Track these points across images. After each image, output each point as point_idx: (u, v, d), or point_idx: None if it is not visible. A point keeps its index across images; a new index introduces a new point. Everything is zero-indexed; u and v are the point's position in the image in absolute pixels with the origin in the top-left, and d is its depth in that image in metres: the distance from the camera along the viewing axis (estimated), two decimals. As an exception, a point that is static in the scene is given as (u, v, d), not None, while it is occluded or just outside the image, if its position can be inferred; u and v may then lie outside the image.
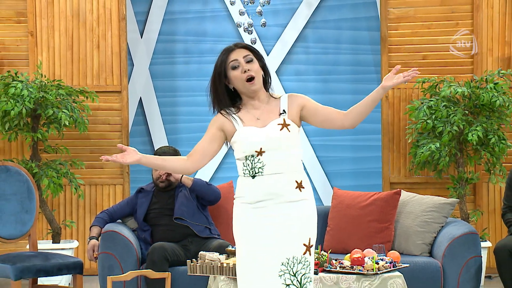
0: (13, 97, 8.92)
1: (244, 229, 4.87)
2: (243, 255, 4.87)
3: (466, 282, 7.00)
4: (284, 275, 4.79)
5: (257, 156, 4.82)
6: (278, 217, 4.82)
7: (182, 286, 6.92)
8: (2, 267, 6.95)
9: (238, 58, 4.90)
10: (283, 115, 4.90)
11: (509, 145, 9.16)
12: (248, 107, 4.96)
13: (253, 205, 4.84)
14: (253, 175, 4.85)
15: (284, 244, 4.81)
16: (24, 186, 7.46)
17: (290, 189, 4.85)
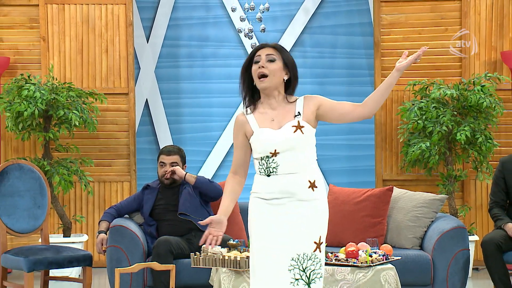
0: (26, 99, 8.93)
1: (258, 223, 4.85)
2: (256, 249, 4.84)
3: (455, 273, 6.99)
4: (293, 270, 4.77)
5: (272, 157, 4.79)
6: (291, 215, 4.80)
7: (186, 277, 6.91)
8: (16, 259, 6.94)
9: (262, 54, 4.85)
10: (298, 117, 4.85)
11: (495, 144, 9.17)
12: (264, 106, 4.91)
13: (268, 202, 4.82)
14: (268, 174, 4.83)
15: (295, 241, 4.78)
16: (37, 183, 7.46)
17: (303, 189, 4.81)
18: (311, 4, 10.03)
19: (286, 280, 4.76)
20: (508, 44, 9.77)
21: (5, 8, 9.81)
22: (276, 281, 4.78)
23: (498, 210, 7.16)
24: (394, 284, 6.34)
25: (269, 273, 4.80)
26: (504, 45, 9.76)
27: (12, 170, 7.39)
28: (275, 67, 4.85)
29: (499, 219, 7.09)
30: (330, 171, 9.99)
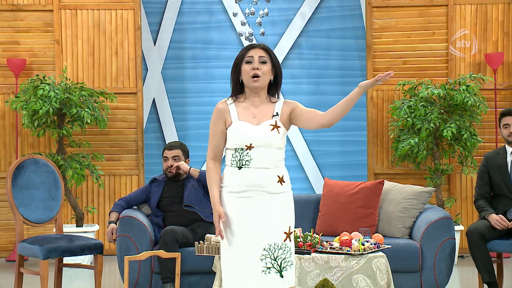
0: (41, 98, 8.93)
1: (229, 216, 4.83)
2: (228, 240, 4.83)
3: (442, 261, 6.99)
4: (265, 259, 4.76)
5: (246, 150, 4.80)
6: (261, 207, 4.79)
7: (191, 265, 6.90)
8: (32, 248, 6.94)
9: (255, 56, 4.88)
10: (276, 117, 4.88)
11: (480, 140, 9.18)
12: (248, 102, 4.92)
13: (237, 194, 4.81)
14: (239, 167, 4.82)
15: (266, 232, 4.78)
16: (51, 177, 7.45)
17: (273, 183, 4.82)
18: (307, 10, 10.03)
19: (258, 269, 4.76)
20: (491, 46, 9.77)
21: (22, 13, 9.81)
22: (248, 270, 4.78)
23: (483, 201, 7.15)
24: (385, 271, 6.34)
25: (242, 263, 4.79)
26: (487, 48, 9.77)
27: (28, 165, 7.38)
28: (267, 68, 4.89)
29: (484, 210, 7.08)
30: (325, 165, 9.99)
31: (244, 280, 4.79)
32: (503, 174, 7.12)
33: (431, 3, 9.82)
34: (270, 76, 4.92)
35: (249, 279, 4.78)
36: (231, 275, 4.82)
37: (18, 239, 7.16)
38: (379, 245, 6.54)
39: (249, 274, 4.77)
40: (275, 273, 4.76)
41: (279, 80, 4.98)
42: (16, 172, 7.29)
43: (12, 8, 9.82)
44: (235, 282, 4.81)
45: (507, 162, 7.14)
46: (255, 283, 4.79)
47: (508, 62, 9.78)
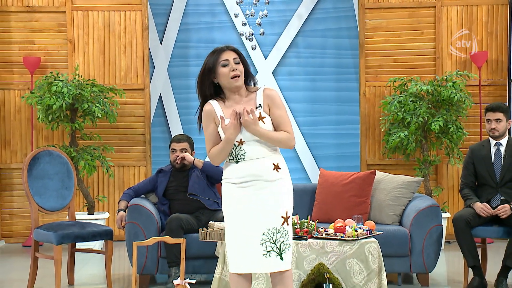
0: (55, 94, 8.94)
1: (230, 205, 4.84)
2: (230, 227, 4.84)
3: (429, 246, 6.99)
4: (265, 243, 4.76)
5: (239, 145, 4.80)
6: (259, 195, 4.79)
7: (195, 250, 6.91)
8: (46, 234, 6.94)
9: (229, 58, 4.85)
10: (259, 109, 4.84)
11: (465, 133, 9.17)
12: (230, 101, 4.89)
13: (238, 185, 4.81)
14: (236, 161, 4.83)
15: (264, 217, 4.78)
16: (64, 167, 7.45)
17: (269, 171, 4.81)
18: (304, 11, 10.01)
19: (259, 253, 4.76)
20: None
21: (37, 14, 9.80)
22: (250, 255, 4.78)
23: (468, 191, 7.15)
24: (376, 256, 6.34)
25: (244, 248, 4.80)
26: (472, 47, 9.75)
27: (43, 156, 7.38)
28: (241, 68, 4.88)
29: (469, 198, 7.08)
30: (320, 156, 9.99)
31: (247, 264, 4.80)
32: (487, 164, 7.12)
33: (420, 4, 9.81)
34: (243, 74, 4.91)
35: (251, 263, 4.80)
36: (235, 259, 4.83)
37: (34, 226, 7.16)
38: (371, 231, 6.54)
39: (251, 258, 4.78)
40: (275, 256, 4.77)
41: (249, 71, 4.94)
42: (32, 163, 7.29)
43: (27, 9, 9.81)
44: (238, 266, 4.82)
45: (491, 154, 7.13)
46: (257, 267, 4.80)
47: (492, 60, 9.78)
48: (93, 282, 7.48)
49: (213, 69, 4.89)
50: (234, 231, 4.82)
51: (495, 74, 9.80)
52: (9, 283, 7.49)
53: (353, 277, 6.27)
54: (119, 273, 7.84)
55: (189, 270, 6.95)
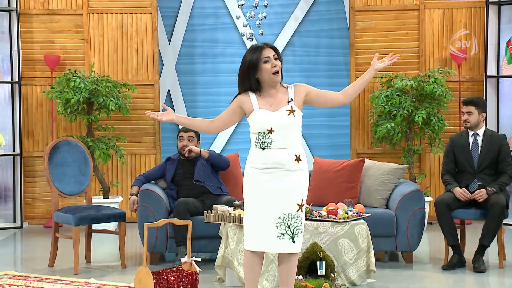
0: (73, 89, 8.94)
1: (252, 188, 4.85)
2: (250, 208, 4.85)
3: (413, 227, 6.99)
4: (280, 226, 4.78)
5: (268, 133, 4.80)
6: (279, 182, 4.80)
7: (200, 231, 6.91)
8: (65, 216, 6.95)
9: (270, 55, 4.85)
10: (291, 103, 4.86)
11: (446, 124, 9.18)
12: (265, 94, 4.90)
13: (261, 170, 4.82)
14: (262, 148, 4.82)
15: (282, 202, 4.79)
16: (82, 156, 7.45)
17: (291, 161, 4.81)
18: (300, 13, 10.00)
19: (274, 234, 4.78)
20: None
21: (56, 16, 9.79)
22: (265, 235, 4.80)
23: (448, 176, 7.15)
24: (365, 236, 6.34)
25: (260, 228, 4.81)
26: (453, 46, 9.75)
27: (62, 145, 7.38)
28: (280, 64, 4.89)
29: (449, 183, 7.09)
30: (314, 146, 9.98)
31: (261, 243, 4.82)
32: (466, 153, 7.12)
33: (405, 7, 9.79)
34: None
35: (265, 243, 4.82)
36: (250, 238, 4.85)
37: (54, 209, 7.17)
38: (360, 213, 6.54)
39: (266, 237, 4.80)
40: (288, 239, 4.79)
41: None
42: (52, 152, 7.29)
43: (48, 12, 9.80)
44: (254, 243, 4.84)
45: (469, 143, 7.14)
46: (270, 246, 4.82)
47: (470, 58, 9.76)
48: (108, 260, 7.49)
49: (257, 65, 4.86)
50: (253, 212, 4.83)
51: (473, 71, 9.79)
52: (32, 261, 7.50)
53: (344, 255, 6.27)
54: (132, 252, 7.85)
55: (195, 249, 6.96)
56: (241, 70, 4.93)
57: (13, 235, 9.13)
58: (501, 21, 9.71)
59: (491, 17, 9.62)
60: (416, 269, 6.92)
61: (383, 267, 6.94)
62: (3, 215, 9.59)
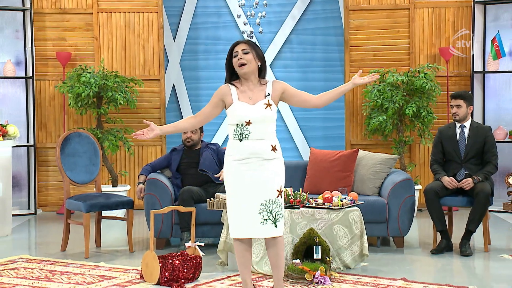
0: (84, 84, 8.94)
1: (233, 179, 4.86)
2: (232, 198, 4.87)
3: (404, 213, 6.99)
4: (262, 212, 4.79)
5: (246, 125, 4.80)
6: (258, 171, 4.81)
7: (203, 217, 6.90)
8: (77, 203, 6.96)
9: (238, 50, 4.87)
10: (268, 97, 4.88)
11: (435, 117, 9.18)
12: (244, 87, 4.91)
13: (240, 161, 4.82)
14: (240, 139, 4.83)
15: (263, 190, 4.80)
16: (92, 147, 7.44)
17: (267, 151, 4.83)
18: (297, 12, 9.98)
19: (257, 221, 4.79)
20: (444, 42, 9.74)
21: (68, 15, 9.78)
22: (249, 222, 4.82)
23: (437, 166, 7.15)
24: (359, 222, 6.34)
25: (244, 216, 4.83)
26: (441, 43, 9.74)
27: (73, 137, 7.38)
28: (249, 57, 4.87)
29: (437, 173, 7.09)
30: (311, 137, 9.98)
31: (246, 229, 4.83)
32: (453, 144, 7.12)
33: (396, 7, 9.77)
34: (256, 63, 4.90)
35: (250, 229, 4.82)
36: (236, 225, 4.85)
37: (66, 197, 7.17)
38: (354, 201, 6.53)
39: (250, 224, 4.81)
40: (271, 224, 4.79)
41: (264, 65, 4.95)
42: (64, 143, 7.29)
43: (60, 11, 9.78)
44: (239, 231, 4.84)
45: (456, 134, 7.14)
46: (255, 233, 4.84)
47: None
48: (116, 245, 7.49)
49: (230, 59, 4.93)
50: (235, 201, 4.84)
51: (460, 66, 9.78)
52: (46, 245, 7.51)
53: (338, 240, 6.27)
54: (139, 237, 7.85)
55: (198, 235, 6.96)
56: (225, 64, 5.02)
57: (27, 221, 9.13)
58: (486, 20, 9.70)
59: (477, 16, 9.61)
60: (406, 253, 6.92)
61: (376, 251, 6.93)
62: (18, 203, 9.60)
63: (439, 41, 9.75)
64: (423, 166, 9.79)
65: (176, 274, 5.72)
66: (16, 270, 6.27)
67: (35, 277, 6.03)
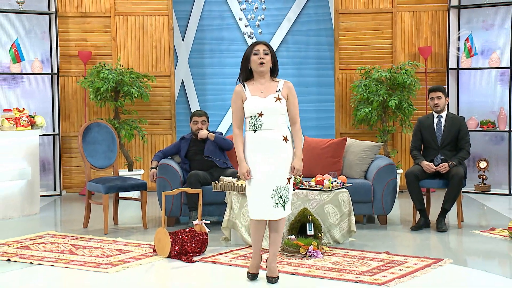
0: (102, 79, 8.92)
1: (250, 167, 4.87)
2: (250, 184, 4.89)
3: (387, 194, 6.99)
4: (274, 197, 4.83)
5: (259, 117, 4.82)
6: (271, 159, 4.82)
7: (209, 198, 6.90)
8: (97, 186, 6.96)
9: (260, 49, 4.90)
10: (278, 92, 4.90)
11: (414, 109, 9.18)
12: (256, 82, 4.93)
13: (256, 152, 4.84)
14: (254, 130, 4.84)
15: (275, 177, 4.84)
16: (110, 135, 7.44)
17: (279, 140, 4.84)
18: (292, 15, 9.94)
19: (270, 204, 4.84)
20: (423, 42, 9.72)
21: (88, 18, 9.75)
22: (264, 205, 4.85)
23: (416, 152, 7.15)
24: (347, 202, 6.35)
25: (260, 200, 4.86)
26: (420, 43, 9.72)
27: (93, 127, 7.37)
28: (268, 58, 4.92)
29: (417, 158, 7.09)
30: (305, 127, 9.94)
31: (262, 212, 4.87)
32: (431, 132, 7.12)
33: (380, 10, 9.74)
34: (270, 63, 4.95)
35: (265, 212, 4.86)
36: (254, 208, 4.89)
37: (87, 179, 7.18)
38: (343, 183, 6.54)
39: (265, 207, 4.85)
40: (281, 207, 4.85)
41: (276, 65, 5.00)
42: (85, 132, 7.29)
43: (81, 15, 9.75)
44: (257, 213, 4.88)
45: (434, 124, 7.14)
46: (267, 214, 4.87)
47: (435, 53, 9.73)
48: (132, 222, 7.50)
49: (249, 56, 4.92)
50: (253, 187, 4.86)
51: (437, 63, 9.75)
52: (70, 222, 7.52)
53: (329, 218, 6.28)
54: (152, 216, 7.86)
55: (205, 213, 6.96)
56: (241, 61, 4.99)
57: (53, 201, 9.14)
58: (460, 22, 9.67)
59: (452, 19, 9.58)
60: (389, 230, 6.93)
61: (362, 228, 6.94)
62: (45, 185, 9.60)
63: (419, 41, 9.72)
64: (404, 152, 9.79)
65: (185, 248, 5.73)
66: (44, 244, 6.29)
67: (60, 250, 6.04)
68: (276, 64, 5.00)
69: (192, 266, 5.51)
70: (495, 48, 9.54)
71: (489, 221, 7.38)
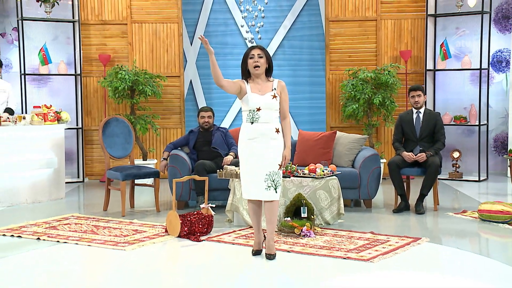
0: (120, 79, 8.92)
1: (245, 154, 4.89)
2: (244, 168, 4.91)
3: (372, 181, 6.99)
4: (267, 181, 4.85)
5: (257, 111, 4.84)
6: (265, 148, 4.85)
7: (214, 184, 6.90)
8: (115, 173, 6.95)
9: (255, 53, 4.92)
10: (274, 91, 4.93)
11: (396, 105, 9.17)
12: (254, 82, 4.95)
13: (251, 140, 4.86)
14: (251, 122, 4.86)
15: (268, 163, 4.85)
16: (127, 129, 7.43)
17: (272, 132, 4.87)
18: (288, 23, 9.91)
19: (263, 187, 4.85)
20: (403, 46, 9.69)
21: (108, 25, 9.72)
22: (257, 187, 4.86)
23: (398, 144, 7.14)
24: (337, 188, 6.34)
25: (253, 182, 4.87)
26: (401, 47, 9.69)
27: (112, 121, 7.36)
28: (263, 61, 4.94)
29: (398, 149, 7.09)
30: (299, 121, 9.94)
31: (255, 193, 4.88)
32: (411, 126, 7.12)
33: (366, 18, 9.71)
34: (265, 65, 4.95)
35: (257, 193, 4.88)
36: (247, 189, 4.91)
37: (106, 168, 7.17)
38: (333, 172, 6.53)
39: (257, 190, 4.86)
40: (273, 190, 4.85)
41: (271, 67, 5.00)
42: (105, 126, 7.27)
43: (101, 22, 9.72)
44: (249, 194, 4.90)
45: (413, 119, 7.13)
46: (261, 195, 4.88)
47: (414, 56, 9.70)
48: (146, 206, 7.50)
49: (246, 60, 4.95)
50: (247, 171, 4.88)
51: (416, 65, 9.73)
52: (92, 206, 7.51)
53: (321, 202, 6.27)
54: (164, 200, 7.85)
55: (210, 198, 6.96)
56: (241, 63, 5.02)
57: (77, 187, 9.13)
58: (436, 29, 9.66)
59: (429, 26, 9.57)
60: (374, 212, 6.93)
61: (350, 211, 6.94)
62: (70, 173, 9.60)
63: (400, 46, 9.70)
64: (387, 144, 9.78)
65: (193, 229, 5.73)
66: (69, 225, 6.29)
67: (83, 230, 6.04)
68: (271, 66, 4.99)
69: (199, 244, 5.51)
70: (466, 51, 9.54)
71: (461, 204, 7.37)
